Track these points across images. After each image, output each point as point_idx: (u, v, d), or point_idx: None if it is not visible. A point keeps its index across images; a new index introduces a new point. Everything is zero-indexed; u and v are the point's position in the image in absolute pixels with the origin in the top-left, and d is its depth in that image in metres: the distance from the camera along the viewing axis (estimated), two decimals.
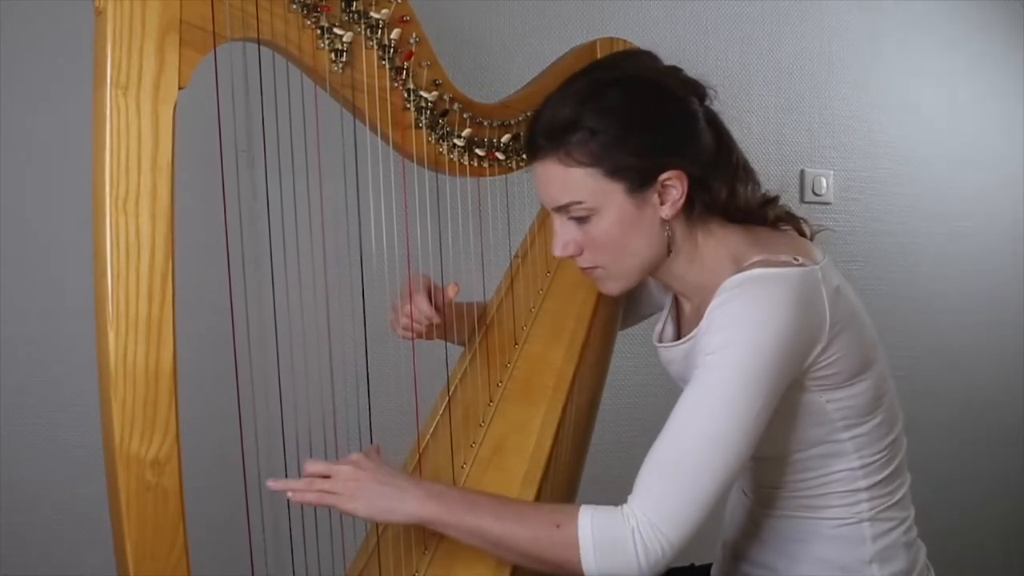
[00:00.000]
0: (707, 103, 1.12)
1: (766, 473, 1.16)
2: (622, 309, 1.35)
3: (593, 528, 0.97)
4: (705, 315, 1.04)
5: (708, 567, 1.34)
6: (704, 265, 1.11)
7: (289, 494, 1.00)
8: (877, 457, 1.12)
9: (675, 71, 1.12)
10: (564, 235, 1.10)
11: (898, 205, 2.43)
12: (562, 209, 1.09)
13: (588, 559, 0.97)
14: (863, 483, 1.12)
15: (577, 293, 1.31)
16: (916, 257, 2.47)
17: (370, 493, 0.99)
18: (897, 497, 1.15)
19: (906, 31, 2.43)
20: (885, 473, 1.13)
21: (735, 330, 0.99)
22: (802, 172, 2.30)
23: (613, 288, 1.15)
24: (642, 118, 1.06)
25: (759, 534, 1.20)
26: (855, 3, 2.35)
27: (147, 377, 0.89)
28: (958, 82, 2.50)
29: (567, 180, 1.06)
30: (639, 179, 1.05)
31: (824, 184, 2.32)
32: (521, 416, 1.19)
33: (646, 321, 1.41)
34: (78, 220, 1.10)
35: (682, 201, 1.07)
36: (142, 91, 0.89)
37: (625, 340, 1.41)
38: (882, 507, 1.13)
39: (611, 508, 0.99)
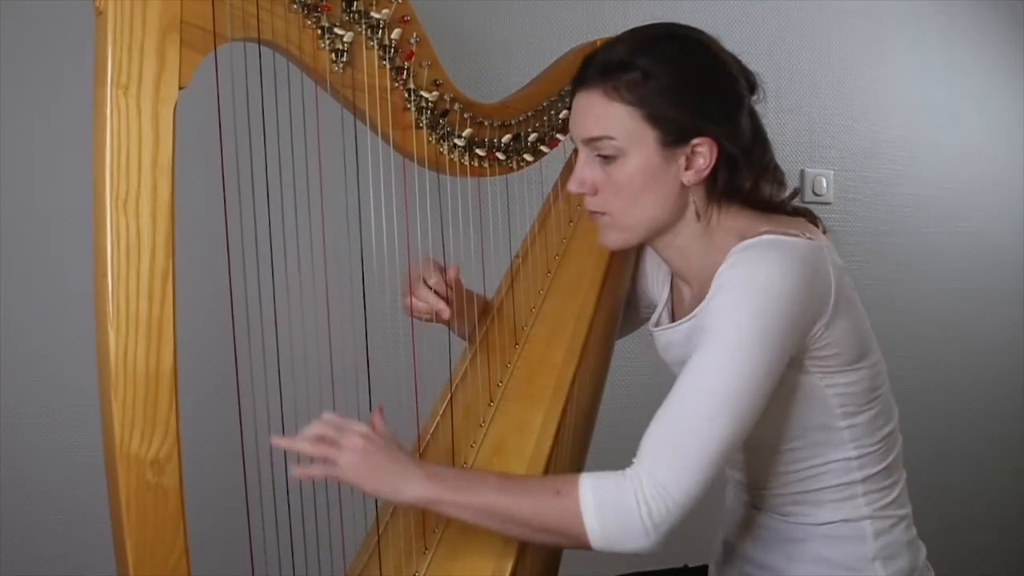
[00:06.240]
0: (754, 99, 1.13)
1: (761, 465, 1.16)
2: (621, 311, 1.35)
3: (595, 491, 0.96)
4: (713, 280, 1.03)
5: (703, 568, 1.33)
6: (712, 242, 1.11)
7: (292, 471, 0.99)
8: (873, 449, 1.12)
9: (734, 56, 1.14)
10: (584, 172, 1.11)
11: (898, 205, 2.43)
12: (591, 142, 1.10)
13: (592, 523, 0.95)
14: (858, 475, 1.11)
15: (577, 293, 1.31)
16: (917, 257, 2.47)
17: (376, 470, 0.98)
18: (894, 494, 1.15)
19: (906, 31, 2.43)
20: (881, 466, 1.13)
21: (743, 291, 1.00)
22: (802, 172, 2.30)
23: (614, 240, 1.15)
24: (693, 77, 1.08)
25: (759, 533, 1.20)
26: (856, 3, 2.35)
27: (147, 377, 0.89)
28: (958, 82, 2.51)
29: (606, 113, 1.07)
30: (674, 133, 1.06)
31: (824, 184, 2.32)
32: (521, 416, 1.19)
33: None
34: (78, 220, 1.10)
35: (707, 172, 1.08)
36: (142, 91, 0.89)
37: (625, 339, 1.41)
38: (880, 504, 1.13)
39: (613, 472, 0.98)
